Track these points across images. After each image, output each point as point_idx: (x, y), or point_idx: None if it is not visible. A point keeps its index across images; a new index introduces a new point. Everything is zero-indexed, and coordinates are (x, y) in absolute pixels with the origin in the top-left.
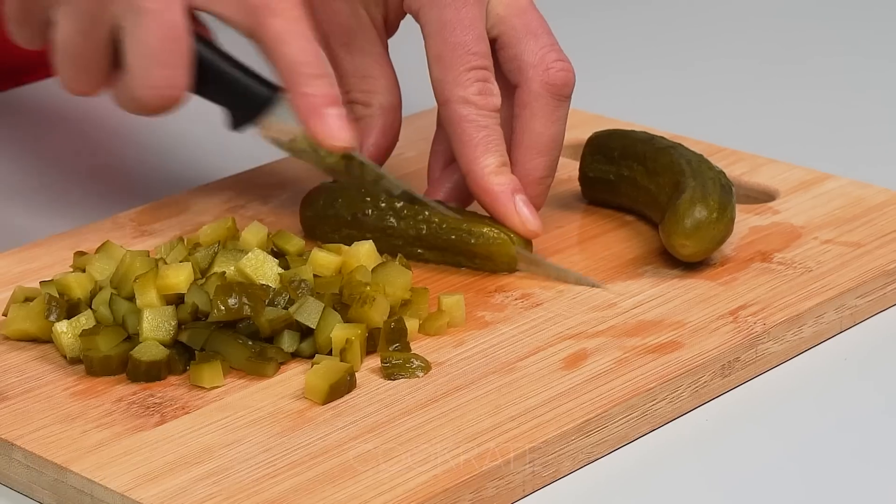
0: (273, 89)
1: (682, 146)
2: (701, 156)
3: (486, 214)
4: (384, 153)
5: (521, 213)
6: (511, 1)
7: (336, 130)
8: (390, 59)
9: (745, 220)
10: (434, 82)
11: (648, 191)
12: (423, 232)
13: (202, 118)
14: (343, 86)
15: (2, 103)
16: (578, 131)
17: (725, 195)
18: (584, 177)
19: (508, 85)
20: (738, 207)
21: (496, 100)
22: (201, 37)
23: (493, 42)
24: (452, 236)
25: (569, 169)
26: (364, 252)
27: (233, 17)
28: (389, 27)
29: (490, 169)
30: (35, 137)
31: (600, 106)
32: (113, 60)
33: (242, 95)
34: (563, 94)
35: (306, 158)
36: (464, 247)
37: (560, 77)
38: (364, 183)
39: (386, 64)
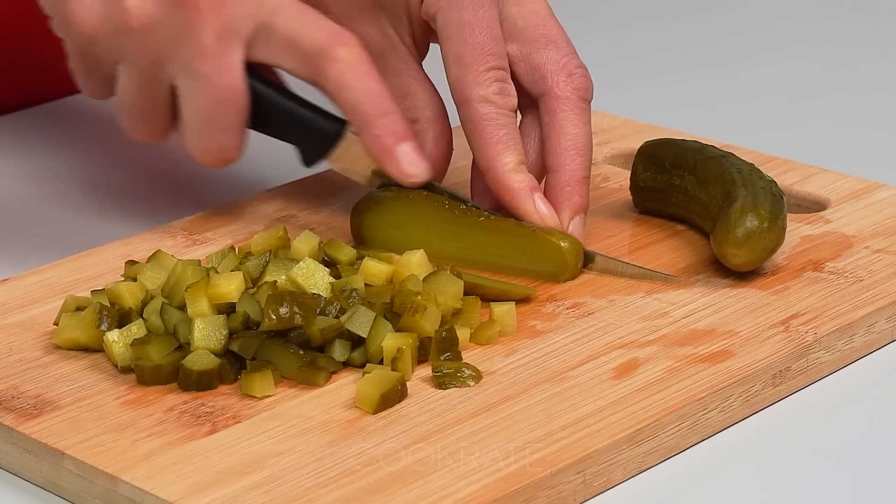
0: (340, 123)
1: (733, 155)
2: (752, 165)
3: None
4: (441, 163)
5: (539, 210)
6: (530, 12)
7: (409, 167)
8: (426, 74)
9: (797, 229)
10: (452, 83)
11: (699, 200)
12: (478, 238)
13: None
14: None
15: (57, 112)
16: (629, 141)
17: (776, 204)
18: (635, 186)
19: (528, 96)
20: (790, 217)
21: (513, 100)
22: (262, 77)
23: (511, 53)
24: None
25: (620, 178)
26: (415, 261)
27: (293, 68)
28: (419, 46)
29: (510, 167)
30: (88, 146)
31: (651, 115)
32: (173, 113)
33: (310, 133)
34: (587, 98)
35: (382, 180)
36: (523, 243)
37: (583, 82)
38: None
39: (423, 79)
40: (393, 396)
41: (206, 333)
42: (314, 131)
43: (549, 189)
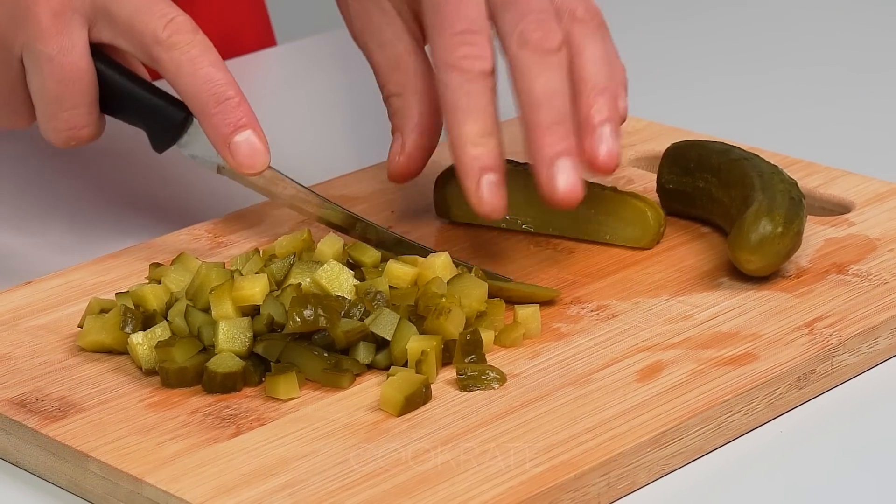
0: (187, 110)
1: (758, 157)
2: (775, 167)
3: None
4: (427, 137)
5: (480, 191)
6: None
7: (246, 158)
8: (422, 49)
9: (821, 232)
10: (430, 51)
11: (722, 203)
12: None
13: (278, 131)
14: (379, 81)
15: None
16: (655, 143)
17: (793, 208)
18: (661, 188)
19: None
20: (814, 219)
21: (484, 63)
22: (114, 62)
23: (490, 11)
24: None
25: (644, 181)
26: (440, 264)
27: (134, 52)
28: (420, 23)
29: (467, 138)
30: (112, 148)
31: (676, 118)
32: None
33: (157, 119)
34: (542, 48)
35: (231, 176)
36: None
37: (536, 35)
38: (288, 199)
39: (415, 52)
40: (417, 399)
41: (231, 336)
42: (162, 117)
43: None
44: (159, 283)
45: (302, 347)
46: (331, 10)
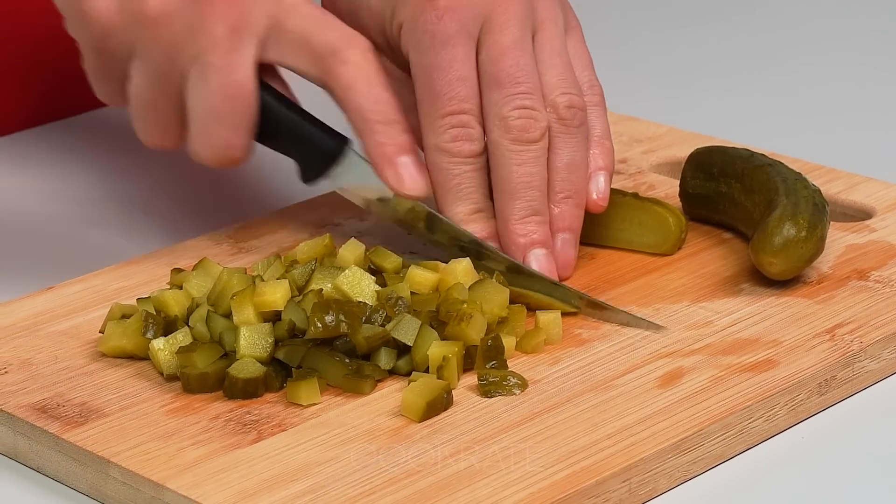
0: (343, 141)
1: (781, 164)
2: (798, 174)
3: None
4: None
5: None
6: (492, 43)
7: (408, 179)
8: None
9: (842, 238)
10: (421, 129)
11: (745, 208)
12: None
13: None
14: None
15: (103, 120)
16: (676, 149)
17: (817, 214)
18: (684, 193)
19: None
20: (835, 225)
21: (472, 146)
22: (272, 89)
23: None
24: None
25: (665, 187)
26: (461, 270)
27: (304, 68)
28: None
29: (459, 217)
30: (134, 153)
31: (699, 122)
32: (185, 115)
33: (311, 148)
34: (521, 140)
35: (378, 210)
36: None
37: (517, 124)
38: (433, 233)
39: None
40: (439, 405)
41: (252, 341)
42: (315, 146)
43: None
44: (181, 288)
45: (323, 353)
46: None
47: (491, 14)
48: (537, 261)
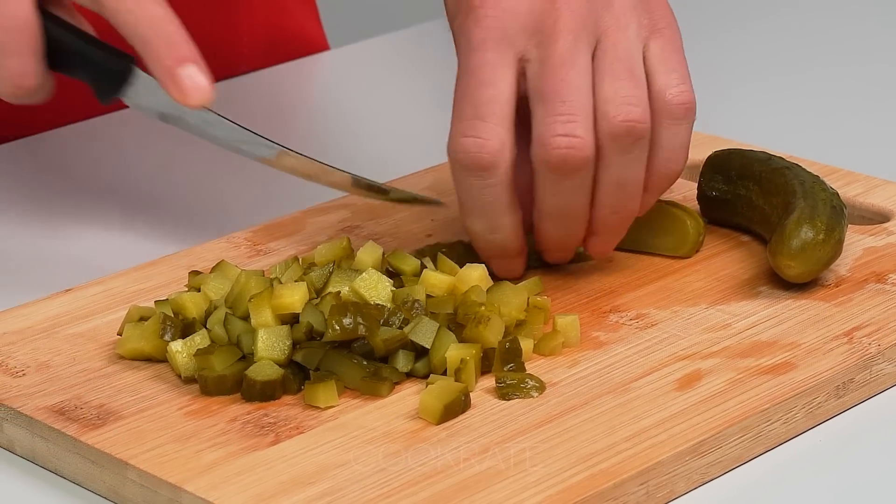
0: (130, 60)
1: (799, 167)
2: (816, 177)
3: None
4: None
5: (497, 270)
6: (543, 57)
7: (191, 90)
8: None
9: (860, 241)
10: None
11: (763, 211)
12: None
13: (328, 134)
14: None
15: (121, 121)
16: (696, 151)
17: (835, 216)
18: (702, 196)
19: None
20: (853, 228)
21: (481, 157)
22: (57, 18)
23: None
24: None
25: (683, 189)
26: (476, 277)
27: None
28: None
29: (471, 232)
30: (151, 156)
31: (717, 125)
32: None
33: (100, 70)
34: (561, 171)
35: (178, 125)
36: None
37: (556, 155)
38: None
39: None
40: (456, 407)
41: (270, 344)
42: (106, 68)
43: None
44: (198, 290)
45: (341, 355)
46: (383, 15)
47: (541, 25)
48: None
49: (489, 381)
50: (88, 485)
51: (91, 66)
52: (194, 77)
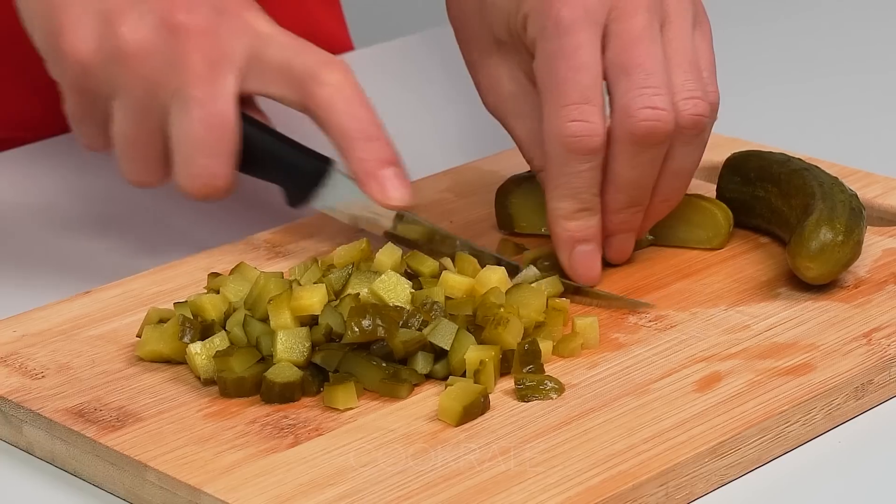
0: (326, 162)
1: (818, 168)
2: (835, 178)
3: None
4: None
5: (572, 261)
6: (622, 30)
7: (391, 190)
8: None
9: (879, 242)
10: (542, 116)
11: (781, 212)
12: None
13: None
14: (523, 153)
15: None
16: (715, 153)
17: (854, 218)
18: (721, 197)
19: None
20: (872, 230)
21: (593, 141)
22: (252, 119)
23: (605, 69)
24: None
25: (703, 191)
26: (495, 279)
27: (284, 94)
28: None
29: (561, 212)
30: None
31: (735, 127)
32: (168, 149)
33: (295, 171)
34: (644, 143)
35: (367, 227)
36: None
37: (642, 127)
38: (424, 242)
39: None
40: (475, 409)
41: (289, 346)
42: (298, 170)
43: None
44: (218, 292)
45: (360, 357)
46: (407, 15)
47: (618, 1)
48: (617, 245)
49: (508, 383)
50: (108, 487)
51: (286, 167)
52: (394, 179)
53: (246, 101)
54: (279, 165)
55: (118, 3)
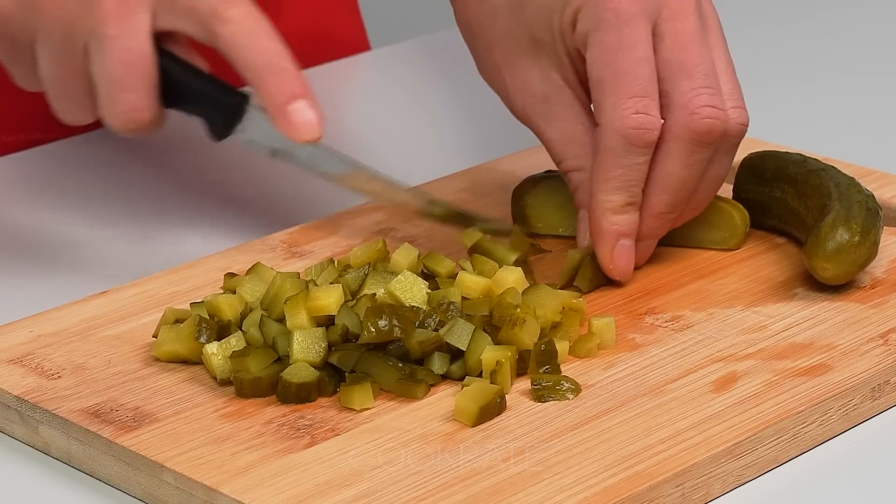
0: (243, 97)
1: (834, 168)
2: (852, 178)
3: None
4: None
5: (613, 255)
6: (676, 31)
7: (301, 126)
8: (594, 119)
9: None
10: (594, 105)
11: (798, 213)
12: None
13: (368, 134)
14: (553, 155)
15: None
16: None
17: (870, 218)
18: (737, 198)
19: None
20: (888, 230)
21: (651, 135)
22: (172, 55)
23: (657, 69)
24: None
25: (720, 191)
26: (512, 279)
27: (193, 31)
28: (585, 85)
29: (609, 205)
30: (187, 158)
31: (752, 127)
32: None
33: (214, 107)
34: (704, 142)
35: (289, 161)
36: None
37: (704, 125)
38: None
39: (588, 122)
40: (492, 409)
41: (305, 346)
42: (219, 104)
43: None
44: (234, 293)
45: (376, 358)
46: (424, 15)
47: (669, 1)
48: (622, 251)
49: (524, 384)
50: (124, 487)
51: (205, 102)
52: (304, 112)
53: (170, 37)
54: (198, 100)
55: None
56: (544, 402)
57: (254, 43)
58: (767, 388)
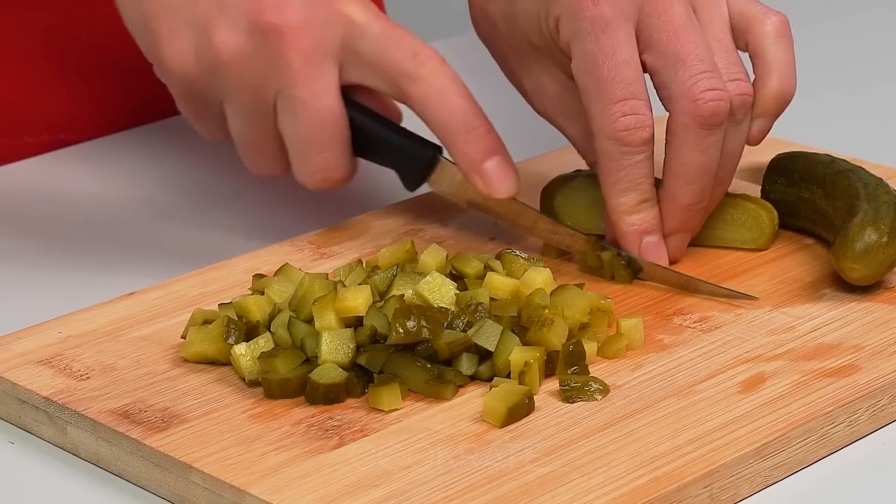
0: (434, 150)
1: (863, 169)
2: (880, 179)
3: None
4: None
5: (644, 257)
6: (664, 23)
7: (496, 182)
8: None
9: None
10: (586, 114)
11: (826, 213)
12: None
13: None
14: (578, 150)
15: (184, 126)
16: (760, 154)
17: None
18: (765, 198)
19: None
20: None
21: (644, 133)
22: (362, 107)
23: (645, 66)
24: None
25: (748, 191)
26: (540, 280)
27: (380, 87)
28: None
29: (624, 208)
30: (216, 160)
31: (780, 128)
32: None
33: (406, 159)
34: (711, 124)
35: (480, 210)
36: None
37: (708, 108)
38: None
39: None
40: (520, 410)
41: (334, 347)
42: (411, 157)
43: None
44: (262, 294)
45: (405, 358)
46: (444, 18)
47: None
48: (679, 242)
49: (553, 384)
50: (152, 488)
51: (397, 155)
52: (499, 169)
53: (358, 88)
54: (390, 153)
55: (208, 10)
56: (572, 402)
57: (445, 102)
58: (795, 389)
